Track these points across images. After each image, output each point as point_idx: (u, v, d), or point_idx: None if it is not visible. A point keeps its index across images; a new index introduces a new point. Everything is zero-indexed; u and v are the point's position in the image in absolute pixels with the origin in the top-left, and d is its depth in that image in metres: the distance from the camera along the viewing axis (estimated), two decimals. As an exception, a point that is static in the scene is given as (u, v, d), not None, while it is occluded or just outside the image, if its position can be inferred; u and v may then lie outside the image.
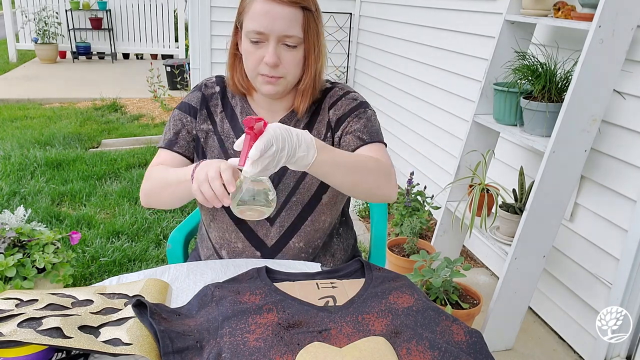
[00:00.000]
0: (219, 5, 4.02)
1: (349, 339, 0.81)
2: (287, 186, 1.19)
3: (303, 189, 1.19)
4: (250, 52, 1.12)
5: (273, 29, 1.08)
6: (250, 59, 1.13)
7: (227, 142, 1.22)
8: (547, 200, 1.83)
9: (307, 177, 1.19)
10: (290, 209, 1.20)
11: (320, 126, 1.23)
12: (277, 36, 1.09)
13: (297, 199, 1.19)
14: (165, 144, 1.23)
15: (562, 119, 1.73)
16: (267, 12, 1.07)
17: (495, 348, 2.04)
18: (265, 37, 1.09)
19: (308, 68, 1.16)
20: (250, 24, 1.10)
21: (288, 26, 1.09)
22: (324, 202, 1.22)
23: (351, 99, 1.24)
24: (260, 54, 1.11)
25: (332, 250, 1.30)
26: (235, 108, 1.24)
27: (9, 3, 8.05)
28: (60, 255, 1.96)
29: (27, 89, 6.31)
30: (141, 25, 8.50)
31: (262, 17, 1.08)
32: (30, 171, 3.61)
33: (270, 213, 0.98)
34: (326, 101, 1.24)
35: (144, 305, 0.84)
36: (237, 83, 1.21)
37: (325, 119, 1.23)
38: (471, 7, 2.75)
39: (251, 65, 1.13)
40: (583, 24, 1.72)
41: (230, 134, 1.22)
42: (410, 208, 2.60)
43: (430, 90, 3.18)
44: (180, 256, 1.52)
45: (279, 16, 1.07)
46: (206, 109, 1.24)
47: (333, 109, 1.23)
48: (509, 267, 1.89)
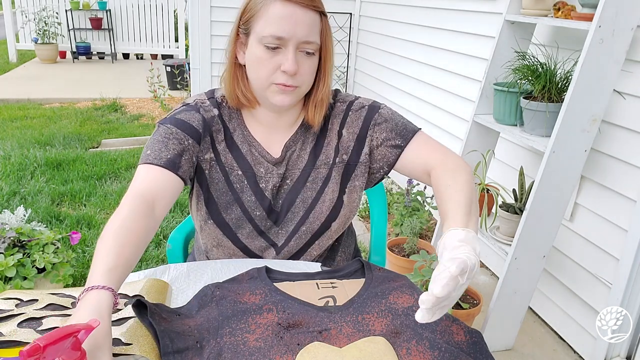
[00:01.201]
0: (219, 5, 4.03)
1: (349, 339, 0.81)
2: (297, 215, 1.12)
3: (313, 217, 1.12)
4: (264, 59, 1.01)
5: (295, 34, 0.99)
6: (264, 67, 1.02)
7: (231, 175, 1.11)
8: (547, 200, 1.83)
9: (317, 206, 1.12)
10: (300, 237, 1.14)
11: (328, 150, 1.14)
12: (297, 42, 1.00)
13: (306, 228, 1.13)
14: (164, 163, 1.00)
15: (562, 119, 1.73)
16: (288, 16, 0.98)
17: (495, 348, 2.04)
18: (284, 42, 1.00)
19: (324, 77, 1.08)
20: (267, 28, 0.99)
21: (309, 32, 1.01)
22: (333, 229, 1.16)
23: (357, 108, 1.15)
24: (277, 61, 1.01)
25: (336, 260, 1.26)
26: (234, 135, 1.12)
27: (9, 3, 8.04)
28: (60, 255, 1.97)
29: (27, 89, 6.31)
30: (141, 25, 8.50)
31: (283, 20, 0.98)
32: (30, 171, 3.61)
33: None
34: (333, 121, 1.15)
35: (144, 305, 0.84)
36: (239, 96, 1.09)
37: (333, 141, 1.14)
38: (471, 7, 2.75)
39: (265, 73, 1.02)
40: (583, 24, 1.72)
41: (234, 165, 1.11)
42: (410, 208, 2.60)
43: (430, 90, 3.18)
44: (180, 256, 1.52)
45: (300, 20, 0.99)
46: (210, 135, 1.10)
47: (345, 128, 1.14)
48: (509, 267, 1.89)
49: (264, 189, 1.11)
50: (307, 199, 1.12)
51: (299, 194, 1.12)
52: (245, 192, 1.11)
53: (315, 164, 1.13)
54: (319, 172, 1.13)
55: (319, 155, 1.14)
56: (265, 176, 1.11)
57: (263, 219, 1.12)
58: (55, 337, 0.60)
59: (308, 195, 1.12)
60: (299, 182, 1.12)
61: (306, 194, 1.12)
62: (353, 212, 1.19)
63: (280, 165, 1.12)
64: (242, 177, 1.11)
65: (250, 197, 1.11)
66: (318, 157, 1.13)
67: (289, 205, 1.12)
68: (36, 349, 0.58)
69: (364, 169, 1.15)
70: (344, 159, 1.14)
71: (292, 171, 1.13)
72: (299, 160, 1.13)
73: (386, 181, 3.77)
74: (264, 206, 1.11)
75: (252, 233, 1.12)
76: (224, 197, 1.11)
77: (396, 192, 3.00)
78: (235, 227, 1.11)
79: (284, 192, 1.13)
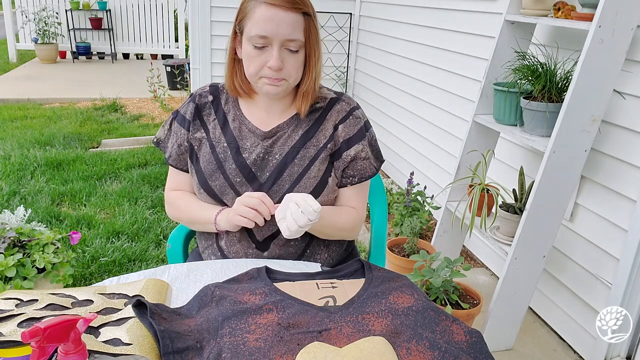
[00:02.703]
0: (219, 5, 4.03)
1: (348, 339, 0.81)
2: (282, 188, 1.23)
3: (297, 191, 1.23)
4: (252, 57, 1.15)
5: (277, 33, 1.12)
6: (253, 63, 1.16)
7: (217, 147, 1.26)
8: (547, 200, 1.83)
9: (302, 181, 1.23)
10: None
11: (320, 136, 1.26)
12: (281, 40, 1.13)
13: None
14: (172, 162, 1.32)
15: (562, 119, 1.73)
16: (270, 18, 1.11)
17: (495, 348, 2.04)
18: (269, 41, 1.13)
19: (309, 71, 1.21)
20: (253, 29, 1.13)
21: (292, 31, 1.13)
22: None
23: (357, 117, 1.29)
24: (264, 58, 1.15)
25: (327, 242, 1.32)
26: (228, 114, 1.29)
27: (9, 3, 8.05)
28: (60, 255, 1.97)
29: (27, 89, 6.32)
30: (141, 25, 8.50)
31: (266, 22, 1.11)
32: (30, 171, 3.61)
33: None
34: (332, 114, 1.28)
35: (144, 305, 0.84)
36: (237, 87, 1.25)
37: (328, 131, 1.26)
38: (471, 7, 2.75)
39: (254, 69, 1.17)
40: (583, 24, 1.72)
41: (221, 139, 1.27)
42: (410, 208, 2.60)
43: (430, 90, 3.18)
44: (180, 256, 1.52)
45: (282, 21, 1.11)
46: (199, 118, 1.29)
47: (343, 125, 1.27)
48: (509, 267, 1.89)
49: (246, 158, 1.24)
50: (294, 173, 1.23)
51: (286, 168, 1.23)
52: (228, 161, 1.25)
53: (305, 145, 1.25)
54: (307, 151, 1.25)
55: (311, 138, 1.26)
56: (250, 148, 1.25)
57: (244, 185, 1.24)
58: (55, 322, 0.62)
59: (295, 170, 1.23)
60: (288, 157, 1.24)
61: (293, 169, 1.23)
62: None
63: (267, 139, 1.25)
64: (227, 148, 1.26)
65: (231, 166, 1.24)
66: (309, 140, 1.26)
67: (276, 177, 1.23)
68: (37, 331, 0.61)
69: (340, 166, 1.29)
70: (332, 148, 1.26)
71: (282, 147, 1.25)
72: (289, 140, 1.25)
73: (386, 181, 3.77)
74: (244, 173, 1.24)
75: (235, 199, 1.22)
76: (210, 166, 1.26)
77: (396, 192, 3.00)
78: (220, 193, 1.25)
79: (272, 165, 1.24)
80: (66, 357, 0.64)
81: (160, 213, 3.06)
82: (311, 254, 1.29)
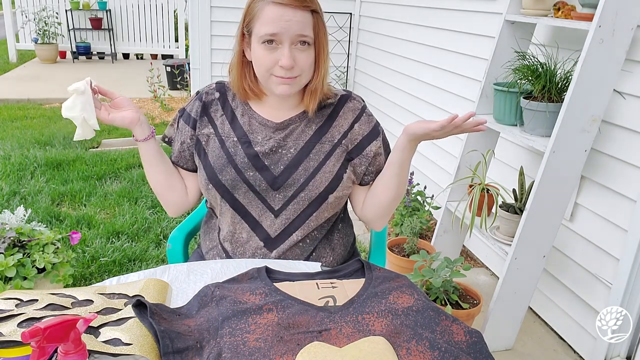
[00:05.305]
0: (219, 5, 4.03)
1: (348, 339, 0.81)
2: (297, 182, 1.22)
3: (312, 185, 1.22)
4: (263, 56, 1.16)
5: (287, 31, 1.12)
6: (264, 62, 1.16)
7: (227, 141, 1.26)
8: (547, 200, 1.83)
9: (318, 176, 1.23)
10: (297, 203, 1.23)
11: (334, 132, 1.27)
12: (291, 38, 1.13)
13: (305, 194, 1.23)
14: (174, 159, 1.34)
15: (562, 119, 1.73)
16: (280, 16, 1.12)
17: (495, 348, 2.04)
18: (279, 39, 1.13)
19: (318, 68, 1.21)
20: (263, 28, 1.13)
21: (301, 27, 1.13)
22: (330, 201, 1.25)
23: (368, 114, 1.31)
24: (275, 57, 1.15)
25: (332, 245, 1.32)
26: (236, 110, 1.28)
27: (9, 3, 8.05)
28: (60, 255, 1.96)
29: (27, 89, 6.32)
30: (141, 25, 8.50)
31: (276, 21, 1.12)
32: (30, 171, 3.61)
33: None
34: (346, 111, 1.29)
35: (144, 305, 0.84)
36: (247, 89, 1.25)
37: (343, 127, 1.27)
38: (471, 7, 2.75)
39: (265, 68, 1.17)
40: (583, 24, 1.72)
41: (230, 134, 1.26)
42: (410, 208, 2.60)
43: (430, 90, 3.18)
44: (180, 256, 1.52)
45: (292, 19, 1.12)
46: (206, 115, 1.29)
47: (358, 123, 1.28)
48: (509, 267, 1.89)
49: (259, 151, 1.24)
50: (309, 168, 1.23)
51: (302, 162, 1.23)
52: (239, 154, 1.24)
53: (321, 140, 1.26)
54: (323, 146, 1.25)
55: (325, 134, 1.26)
56: (262, 141, 1.24)
57: (257, 179, 1.23)
58: (55, 322, 0.62)
59: (311, 165, 1.23)
60: (303, 152, 1.24)
61: (309, 164, 1.23)
62: (348, 194, 1.32)
63: (280, 131, 1.25)
64: (237, 142, 1.25)
65: (243, 159, 1.23)
66: (324, 135, 1.26)
67: (291, 171, 1.23)
68: (37, 331, 0.61)
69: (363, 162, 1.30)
70: (347, 144, 1.27)
71: (296, 142, 1.25)
72: (303, 134, 1.25)
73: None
74: (256, 166, 1.23)
75: (248, 193, 1.23)
76: (220, 160, 1.24)
77: (396, 192, 2.99)
78: (232, 187, 1.23)
79: (287, 159, 1.23)
80: (66, 357, 0.64)
81: (160, 213, 3.06)
82: (317, 257, 1.29)
